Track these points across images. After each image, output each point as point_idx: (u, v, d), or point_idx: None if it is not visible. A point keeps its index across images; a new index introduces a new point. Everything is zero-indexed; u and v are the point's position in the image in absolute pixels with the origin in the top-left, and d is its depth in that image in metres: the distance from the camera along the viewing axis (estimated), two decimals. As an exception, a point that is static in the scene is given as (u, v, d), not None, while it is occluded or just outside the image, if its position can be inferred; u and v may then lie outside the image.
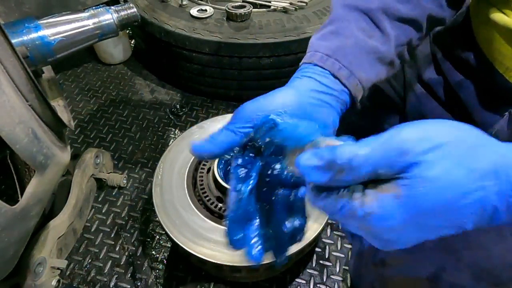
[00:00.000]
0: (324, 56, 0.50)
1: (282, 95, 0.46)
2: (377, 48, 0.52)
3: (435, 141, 0.29)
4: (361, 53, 0.51)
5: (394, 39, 0.54)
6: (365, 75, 0.51)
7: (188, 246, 0.75)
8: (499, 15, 0.56)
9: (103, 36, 0.81)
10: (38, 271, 0.84)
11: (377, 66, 0.53)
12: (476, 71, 0.64)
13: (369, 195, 0.30)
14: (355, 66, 0.50)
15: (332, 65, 0.49)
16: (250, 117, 0.43)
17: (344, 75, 0.49)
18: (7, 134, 0.52)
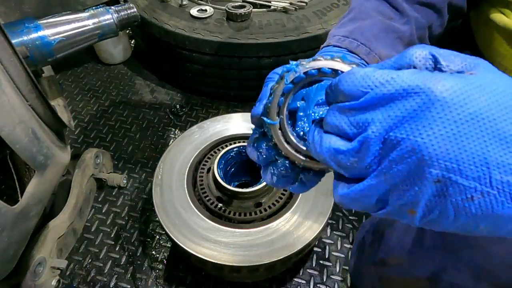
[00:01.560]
0: (341, 38, 0.50)
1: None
2: (397, 28, 0.52)
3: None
4: (380, 31, 0.51)
5: (414, 20, 0.54)
6: (385, 52, 0.50)
7: (188, 246, 0.75)
8: (499, 15, 0.56)
9: (103, 36, 0.81)
10: (38, 271, 0.84)
11: (398, 45, 0.52)
12: None
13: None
14: (373, 43, 0.49)
15: (350, 44, 0.49)
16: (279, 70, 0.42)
17: (363, 51, 0.49)
18: (7, 134, 0.52)
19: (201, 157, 0.92)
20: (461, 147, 0.24)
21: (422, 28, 0.55)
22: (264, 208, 0.82)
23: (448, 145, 0.24)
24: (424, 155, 0.25)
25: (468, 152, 0.24)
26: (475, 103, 0.24)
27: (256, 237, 0.77)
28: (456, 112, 0.24)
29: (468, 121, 0.24)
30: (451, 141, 0.24)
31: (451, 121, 0.24)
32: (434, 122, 0.25)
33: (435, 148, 0.25)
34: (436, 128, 0.24)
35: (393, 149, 0.26)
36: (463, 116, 0.24)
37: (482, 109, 0.24)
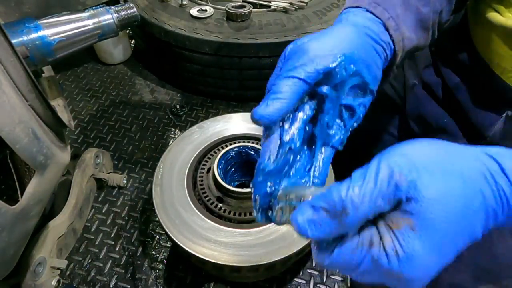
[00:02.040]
0: (373, 3, 0.47)
1: (344, 33, 0.42)
2: (419, 9, 0.51)
3: (420, 165, 0.29)
4: (407, 9, 0.49)
5: (433, 2, 0.53)
6: (408, 33, 0.49)
7: (188, 246, 0.75)
8: (494, 14, 0.56)
9: (103, 36, 0.81)
10: (38, 271, 0.84)
11: (417, 28, 0.51)
12: (473, 72, 0.64)
13: (385, 236, 0.29)
14: (401, 20, 0.48)
15: (382, 13, 0.47)
16: (318, 58, 0.38)
17: (392, 26, 0.47)
18: (7, 134, 0.52)
19: (201, 157, 0.92)
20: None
21: (436, 13, 0.55)
22: (264, 208, 0.82)
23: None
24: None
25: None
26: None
27: (256, 237, 0.77)
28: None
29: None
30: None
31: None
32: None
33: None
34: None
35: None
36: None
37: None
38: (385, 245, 0.29)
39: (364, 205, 0.29)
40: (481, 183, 0.29)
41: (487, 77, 0.61)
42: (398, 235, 0.29)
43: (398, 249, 0.28)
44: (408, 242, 0.28)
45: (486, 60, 0.61)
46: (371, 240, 0.30)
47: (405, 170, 0.29)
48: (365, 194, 0.29)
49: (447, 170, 0.29)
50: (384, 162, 0.30)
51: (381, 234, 0.29)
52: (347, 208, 0.29)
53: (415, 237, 0.28)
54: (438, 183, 0.29)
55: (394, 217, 0.29)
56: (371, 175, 0.29)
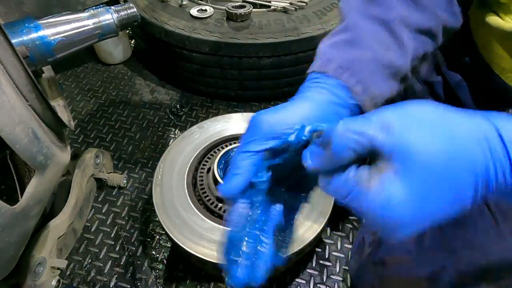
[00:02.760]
0: (339, 69, 0.47)
1: (301, 107, 0.43)
2: (393, 63, 0.50)
3: (412, 118, 0.31)
4: (378, 68, 0.49)
5: (412, 51, 0.52)
6: (378, 91, 0.49)
7: (188, 246, 0.75)
8: (494, 18, 0.56)
9: (103, 36, 0.81)
10: (38, 271, 0.84)
11: (390, 82, 0.51)
12: (474, 72, 0.65)
13: (373, 177, 0.31)
14: (370, 81, 0.48)
15: (348, 78, 0.47)
16: (272, 132, 0.41)
17: (359, 90, 0.47)
18: (7, 134, 0.52)
19: (201, 157, 0.92)
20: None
21: (417, 59, 0.54)
22: (264, 208, 0.82)
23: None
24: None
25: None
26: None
27: (256, 237, 0.77)
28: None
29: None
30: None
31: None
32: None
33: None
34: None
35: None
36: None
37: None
38: (370, 184, 0.31)
39: (344, 137, 0.31)
40: (472, 145, 0.30)
41: (488, 76, 0.61)
42: (381, 177, 0.30)
43: (379, 189, 0.30)
44: (388, 184, 0.30)
45: (487, 60, 0.61)
46: (360, 177, 0.32)
47: (395, 119, 0.31)
48: (348, 128, 0.31)
49: (437, 126, 0.31)
50: (381, 110, 0.32)
51: (371, 175, 0.31)
52: (331, 138, 0.31)
53: (395, 179, 0.30)
54: (423, 134, 0.30)
55: (383, 162, 0.31)
56: (363, 117, 0.32)
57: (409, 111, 0.32)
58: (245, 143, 0.42)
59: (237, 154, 0.42)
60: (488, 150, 0.30)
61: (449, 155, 0.30)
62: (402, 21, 0.51)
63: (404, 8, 0.51)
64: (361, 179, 0.31)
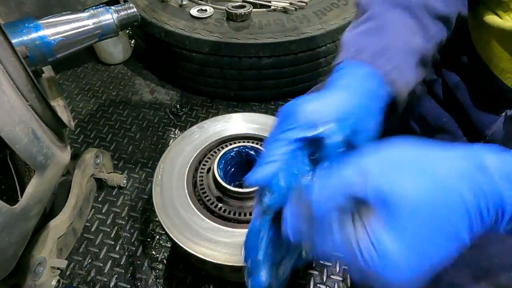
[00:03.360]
0: (373, 56, 0.46)
1: (335, 98, 0.41)
2: (421, 48, 0.50)
3: (393, 159, 0.29)
4: (408, 54, 0.48)
5: (434, 37, 0.52)
6: (411, 77, 0.48)
7: (188, 246, 0.75)
8: (493, 17, 0.56)
9: (103, 36, 0.81)
10: (38, 271, 0.84)
11: (418, 68, 0.50)
12: (472, 72, 0.65)
13: (358, 231, 0.29)
14: (403, 68, 0.47)
15: (384, 65, 0.46)
16: (309, 121, 0.38)
17: (395, 77, 0.46)
18: (7, 134, 0.52)
19: (201, 157, 0.92)
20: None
21: (436, 45, 0.54)
22: (264, 208, 0.82)
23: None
24: None
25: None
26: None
27: (256, 237, 0.77)
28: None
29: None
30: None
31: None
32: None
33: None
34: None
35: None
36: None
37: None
38: (360, 243, 0.29)
39: (324, 199, 0.29)
40: (457, 183, 0.28)
41: (486, 77, 0.61)
42: (368, 229, 0.28)
43: (367, 245, 0.28)
44: (379, 239, 0.28)
45: (485, 60, 0.61)
46: (347, 235, 0.30)
47: (373, 164, 0.29)
48: (325, 186, 0.30)
49: (418, 168, 0.29)
50: (359, 155, 0.30)
51: (356, 229, 0.29)
52: (312, 203, 0.30)
53: (381, 229, 0.28)
54: (403, 178, 0.28)
55: (367, 211, 0.29)
56: (338, 165, 0.30)
57: (387, 154, 0.30)
58: (281, 131, 0.39)
59: (271, 142, 0.39)
60: (475, 185, 0.28)
61: (435, 198, 0.28)
62: (424, 6, 0.51)
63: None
64: (348, 237, 0.29)
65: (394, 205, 0.28)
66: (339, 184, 0.29)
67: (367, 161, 0.30)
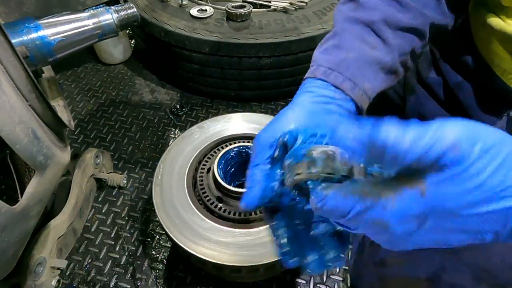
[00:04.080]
0: (328, 70, 0.51)
1: (290, 115, 0.47)
2: (380, 59, 0.53)
3: (486, 142, 0.27)
4: (365, 64, 0.52)
5: (397, 48, 0.55)
6: (369, 85, 0.52)
7: (188, 246, 0.75)
8: (496, 20, 0.56)
9: (103, 36, 0.81)
10: (38, 271, 0.84)
11: (381, 75, 0.54)
12: (474, 73, 0.65)
13: (392, 190, 0.29)
14: (358, 77, 0.51)
15: (335, 78, 0.50)
16: (269, 142, 0.44)
17: (348, 87, 0.50)
18: (7, 134, 0.52)
19: (201, 157, 0.92)
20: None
21: (405, 54, 0.57)
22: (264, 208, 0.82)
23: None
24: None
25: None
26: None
27: (256, 237, 0.77)
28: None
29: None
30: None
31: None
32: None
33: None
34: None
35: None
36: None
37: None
38: (387, 196, 0.29)
39: (405, 157, 0.27)
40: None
41: (488, 78, 0.61)
42: (404, 194, 0.28)
43: (394, 203, 0.29)
44: (407, 203, 0.28)
45: (487, 60, 0.61)
46: (379, 191, 0.29)
47: (466, 139, 0.27)
48: (413, 146, 0.27)
49: (504, 161, 0.27)
50: (448, 124, 0.28)
51: (390, 187, 0.29)
52: (390, 155, 0.28)
53: (417, 200, 0.28)
54: (489, 166, 0.27)
55: (413, 179, 0.28)
56: (431, 129, 0.28)
57: (481, 136, 0.28)
58: (252, 160, 0.45)
59: (248, 172, 0.45)
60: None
61: (493, 194, 0.27)
62: (385, 21, 0.54)
63: (388, 9, 0.55)
64: (380, 193, 0.29)
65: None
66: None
67: (460, 133, 0.27)
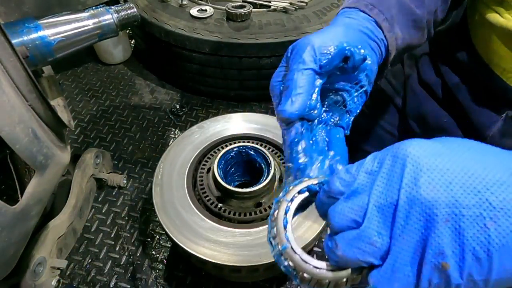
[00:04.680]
0: (369, 5, 0.51)
1: (339, 31, 0.46)
2: (414, 10, 0.54)
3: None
4: (401, 11, 0.53)
5: (427, 4, 0.56)
6: (401, 33, 0.53)
7: (188, 246, 0.75)
8: (494, 15, 0.56)
9: (103, 36, 0.81)
10: (38, 271, 0.84)
11: (411, 28, 0.55)
12: (473, 72, 0.64)
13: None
14: (395, 21, 0.52)
15: (377, 15, 0.50)
16: (319, 51, 0.42)
17: (387, 27, 0.50)
18: (7, 134, 0.52)
19: (201, 157, 0.92)
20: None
21: (431, 13, 0.58)
22: (264, 208, 0.82)
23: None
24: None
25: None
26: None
27: (256, 237, 0.77)
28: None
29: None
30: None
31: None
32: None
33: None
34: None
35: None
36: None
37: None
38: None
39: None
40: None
41: (487, 77, 0.61)
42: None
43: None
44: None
45: (486, 60, 0.61)
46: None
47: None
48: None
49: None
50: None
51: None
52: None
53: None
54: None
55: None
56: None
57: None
58: (299, 62, 0.42)
59: (296, 72, 0.42)
60: None
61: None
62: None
63: None
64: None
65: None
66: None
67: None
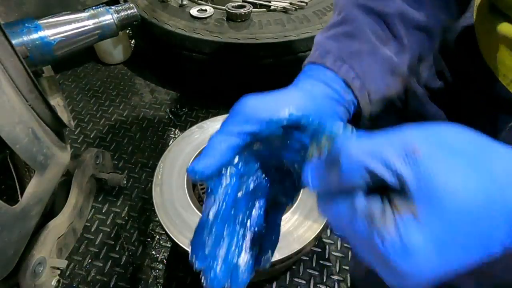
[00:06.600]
0: (338, 61, 0.45)
1: (293, 96, 0.40)
2: (391, 59, 0.48)
3: (446, 142, 0.25)
4: (376, 63, 0.47)
5: (409, 49, 0.50)
6: (375, 87, 0.46)
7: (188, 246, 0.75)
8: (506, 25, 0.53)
9: (103, 36, 0.81)
10: (38, 271, 0.84)
11: (388, 78, 0.49)
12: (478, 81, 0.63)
13: (388, 218, 0.25)
14: (368, 76, 0.45)
15: (347, 73, 0.44)
16: (255, 116, 0.38)
17: (357, 86, 0.45)
18: (7, 134, 0.52)
19: (201, 157, 0.92)
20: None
21: (414, 58, 0.52)
22: (264, 208, 0.82)
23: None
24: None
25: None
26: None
27: (256, 237, 0.77)
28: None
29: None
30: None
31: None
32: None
33: None
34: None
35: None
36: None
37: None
38: (384, 226, 0.25)
39: (358, 160, 0.25)
40: (508, 186, 0.25)
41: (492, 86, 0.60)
42: (399, 221, 0.25)
43: (396, 237, 0.25)
44: (406, 231, 0.24)
45: (493, 69, 0.59)
46: (372, 214, 0.26)
47: (422, 143, 0.24)
48: (363, 149, 0.25)
49: (475, 160, 0.25)
50: (404, 128, 0.26)
51: (385, 215, 0.25)
52: (341, 159, 0.26)
53: (415, 226, 0.24)
54: (458, 170, 0.24)
55: (401, 200, 0.25)
56: (380, 134, 0.26)
57: (439, 135, 0.26)
58: (225, 125, 0.39)
59: (214, 136, 0.39)
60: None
61: (486, 204, 0.24)
62: (400, 17, 0.49)
63: (403, 2, 0.49)
64: (373, 217, 0.26)
65: (440, 203, 0.24)
66: (381, 157, 0.25)
67: (415, 138, 0.25)
